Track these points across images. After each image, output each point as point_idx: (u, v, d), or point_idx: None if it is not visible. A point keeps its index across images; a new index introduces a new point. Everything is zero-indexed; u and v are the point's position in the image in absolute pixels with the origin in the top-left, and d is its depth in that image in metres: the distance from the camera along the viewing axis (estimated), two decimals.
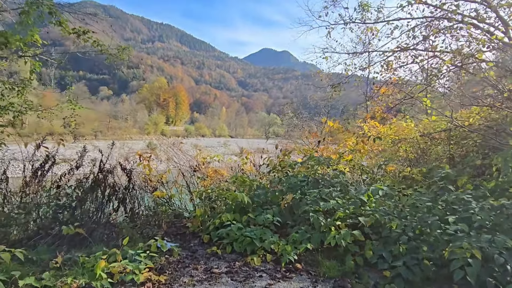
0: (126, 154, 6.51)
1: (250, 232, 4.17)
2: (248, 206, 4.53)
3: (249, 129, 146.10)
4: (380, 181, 6.37)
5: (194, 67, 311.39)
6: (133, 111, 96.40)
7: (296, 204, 4.56)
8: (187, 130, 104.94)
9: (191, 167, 6.71)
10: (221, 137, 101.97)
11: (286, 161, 6.04)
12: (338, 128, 6.83)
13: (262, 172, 7.22)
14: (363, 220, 4.08)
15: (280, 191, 4.83)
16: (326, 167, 5.67)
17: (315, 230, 4.21)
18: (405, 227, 3.88)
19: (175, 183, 6.59)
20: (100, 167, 4.90)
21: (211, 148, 50.13)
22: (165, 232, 4.81)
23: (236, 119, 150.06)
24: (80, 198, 4.61)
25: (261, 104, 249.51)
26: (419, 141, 8.45)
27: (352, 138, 6.94)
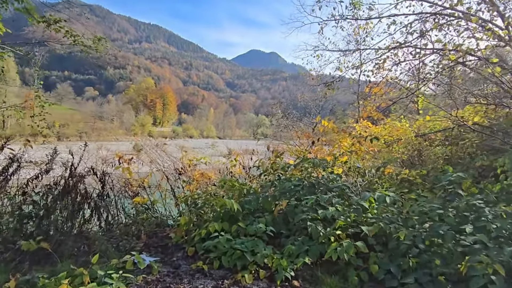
0: (106, 156, 5.96)
1: (240, 244, 3.69)
2: (237, 214, 4.05)
3: (237, 130, 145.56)
4: (378, 184, 5.98)
5: (182, 68, 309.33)
6: (119, 112, 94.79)
7: (291, 211, 4.10)
8: (174, 131, 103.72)
9: (176, 170, 6.20)
10: (209, 138, 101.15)
11: (278, 163, 5.59)
12: (333, 128, 6.41)
13: (252, 175, 6.76)
14: (366, 230, 3.64)
15: (272, 196, 4.36)
16: (321, 169, 5.24)
17: (313, 241, 3.76)
18: (414, 238, 3.46)
19: (159, 187, 6.08)
20: (71, 171, 4.36)
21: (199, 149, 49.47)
22: (145, 243, 4.29)
23: (224, 120, 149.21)
24: (48, 206, 4.06)
25: (249, 105, 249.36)
26: (414, 142, 8.13)
27: (347, 139, 6.54)
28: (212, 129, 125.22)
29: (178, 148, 6.88)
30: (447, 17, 7.15)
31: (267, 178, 5.43)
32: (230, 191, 4.85)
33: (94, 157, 5.82)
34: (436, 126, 8.17)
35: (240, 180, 6.79)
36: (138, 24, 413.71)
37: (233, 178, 6.07)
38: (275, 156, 5.62)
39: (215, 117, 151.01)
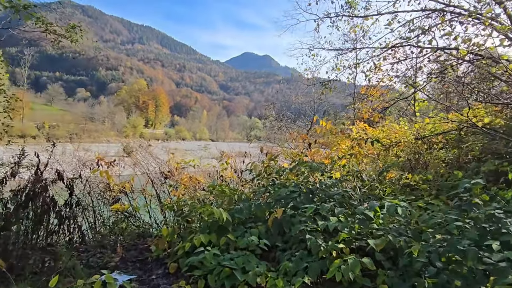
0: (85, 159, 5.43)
1: (229, 261, 3.21)
2: (227, 224, 3.55)
3: (230, 133, 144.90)
4: (379, 190, 5.54)
5: (175, 69, 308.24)
6: (110, 113, 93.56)
7: (287, 221, 3.63)
8: (167, 133, 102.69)
9: (161, 174, 5.69)
10: (202, 141, 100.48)
11: (272, 167, 5.12)
12: (331, 130, 5.96)
13: (244, 179, 6.29)
14: (373, 244, 3.19)
15: (266, 204, 3.87)
16: (319, 174, 4.79)
17: (313, 256, 3.29)
18: (429, 254, 3.01)
19: (143, 192, 5.57)
20: (36, 175, 3.83)
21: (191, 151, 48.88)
22: (122, 257, 3.78)
23: (217, 123, 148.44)
24: (9, 216, 3.53)
25: (242, 107, 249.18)
26: (413, 145, 7.73)
27: (346, 141, 6.11)
28: (205, 131, 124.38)
29: (165, 150, 6.36)
30: (451, 14, 6.77)
31: (260, 183, 4.96)
32: (220, 197, 4.36)
33: (73, 159, 5.31)
34: (436, 128, 7.79)
35: (231, 185, 6.33)
36: (131, 25, 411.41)
37: (223, 183, 5.59)
38: (269, 159, 5.15)
39: (208, 119, 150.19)
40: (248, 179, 6.19)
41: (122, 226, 4.31)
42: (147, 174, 5.56)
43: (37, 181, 3.74)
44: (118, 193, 4.65)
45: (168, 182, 5.54)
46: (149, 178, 5.51)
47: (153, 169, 5.73)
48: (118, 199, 4.62)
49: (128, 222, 4.48)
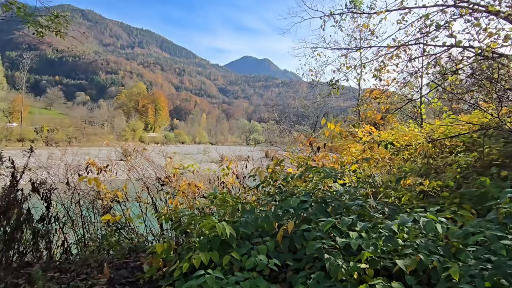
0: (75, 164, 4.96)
1: (234, 286, 2.73)
2: (231, 240, 3.07)
3: (230, 136, 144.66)
4: (394, 198, 5.06)
5: (175, 73, 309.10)
6: (110, 117, 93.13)
7: (299, 236, 3.14)
8: (166, 137, 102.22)
9: (158, 180, 5.22)
10: (201, 144, 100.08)
11: (278, 173, 4.65)
12: (341, 132, 5.48)
13: (247, 185, 5.81)
14: (402, 264, 2.71)
15: (275, 216, 3.38)
16: (331, 181, 4.31)
17: (331, 279, 2.81)
18: (472, 278, 2.53)
19: (139, 199, 5.10)
20: (11, 184, 3.36)
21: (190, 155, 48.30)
22: (109, 279, 3.28)
23: (217, 126, 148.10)
24: None
25: (242, 111, 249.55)
26: (425, 148, 7.27)
27: (356, 144, 5.64)
28: (204, 135, 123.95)
29: (163, 154, 5.89)
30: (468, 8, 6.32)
31: (265, 190, 4.48)
32: (222, 207, 3.88)
33: (61, 164, 4.84)
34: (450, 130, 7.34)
35: (233, 191, 5.86)
36: (130, 29, 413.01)
37: (225, 191, 5.12)
38: (275, 164, 4.67)
39: (207, 123, 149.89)
40: (252, 185, 5.73)
41: (113, 240, 3.82)
42: (142, 181, 5.09)
43: (10, 193, 3.26)
44: (109, 202, 4.17)
45: (165, 189, 5.06)
46: (144, 185, 5.03)
47: (149, 175, 5.26)
48: (110, 208, 4.14)
49: (120, 235, 3.99)
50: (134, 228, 4.35)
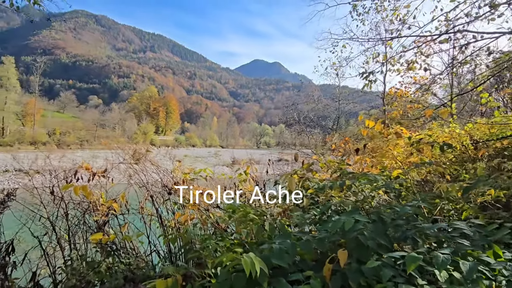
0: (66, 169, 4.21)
1: None
2: (261, 279, 2.23)
3: (241, 139, 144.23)
4: (453, 211, 4.15)
5: (186, 77, 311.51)
6: (121, 120, 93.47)
7: (355, 272, 2.29)
8: (177, 140, 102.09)
9: (165, 188, 4.42)
10: (212, 147, 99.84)
11: (311, 180, 3.80)
12: (382, 132, 4.60)
13: (271, 194, 4.98)
14: None
15: (319, 241, 2.51)
16: (381, 190, 3.45)
17: None
18: None
19: (141, 211, 4.32)
20: None
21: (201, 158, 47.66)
22: None
23: (228, 129, 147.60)
24: None
25: (252, 114, 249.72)
26: (470, 151, 6.34)
27: (399, 147, 4.76)
28: (215, 138, 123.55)
29: (170, 157, 5.10)
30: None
31: (295, 202, 3.64)
32: (243, 223, 3.05)
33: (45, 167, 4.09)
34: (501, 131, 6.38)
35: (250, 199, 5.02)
36: (142, 34, 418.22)
37: (243, 200, 4.31)
38: (306, 169, 3.82)
39: (218, 126, 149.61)
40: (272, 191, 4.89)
41: (102, 268, 3.00)
42: (146, 188, 4.30)
43: None
44: (104, 215, 3.38)
45: (172, 199, 4.26)
46: (148, 194, 4.24)
47: (154, 181, 4.47)
48: (105, 223, 3.36)
49: (115, 259, 3.18)
50: (134, 247, 3.54)
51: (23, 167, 3.91)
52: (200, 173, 4.86)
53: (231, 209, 3.15)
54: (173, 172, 4.79)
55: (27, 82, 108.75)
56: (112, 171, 4.56)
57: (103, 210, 3.25)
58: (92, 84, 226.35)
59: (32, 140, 63.41)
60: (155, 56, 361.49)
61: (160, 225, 4.31)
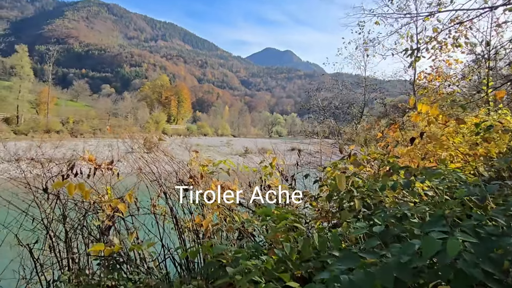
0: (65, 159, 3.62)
1: None
2: None
3: (252, 129, 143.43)
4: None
5: (197, 66, 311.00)
6: (133, 109, 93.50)
7: None
8: (189, 129, 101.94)
9: (179, 183, 3.80)
10: (224, 136, 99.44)
11: (359, 176, 3.11)
12: (439, 117, 3.85)
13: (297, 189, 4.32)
14: None
15: (402, 270, 1.77)
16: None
17: None
18: None
19: (153, 208, 3.72)
20: None
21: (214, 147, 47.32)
22: None
23: (239, 118, 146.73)
24: None
25: (264, 103, 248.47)
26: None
27: (459, 136, 4.02)
28: (227, 127, 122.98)
29: (186, 147, 4.45)
30: None
31: (343, 205, 2.96)
32: (278, 232, 2.39)
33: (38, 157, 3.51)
34: None
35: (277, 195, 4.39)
36: (154, 22, 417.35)
37: (279, 206, 3.68)
38: (354, 163, 3.13)
39: (230, 115, 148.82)
40: (306, 191, 4.26)
41: (106, 284, 2.39)
42: (158, 183, 3.68)
43: None
44: (108, 219, 2.76)
45: (189, 196, 3.64)
46: (160, 189, 3.63)
47: (167, 175, 3.85)
48: (109, 228, 2.75)
49: (121, 274, 2.56)
50: (143, 258, 2.92)
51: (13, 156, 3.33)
52: (219, 165, 4.23)
53: (263, 212, 2.50)
54: (189, 164, 4.16)
55: (41, 71, 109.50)
56: (120, 162, 3.97)
57: (107, 212, 2.64)
58: (104, 73, 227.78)
59: (46, 129, 63.82)
60: (167, 44, 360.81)
61: (175, 226, 3.71)
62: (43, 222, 2.71)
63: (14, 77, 65.56)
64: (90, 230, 2.73)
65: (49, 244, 2.62)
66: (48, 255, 2.62)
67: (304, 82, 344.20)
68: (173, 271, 3.71)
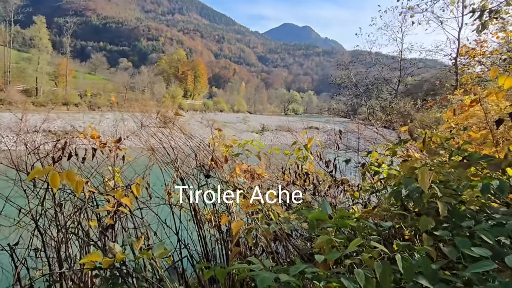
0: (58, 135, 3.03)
1: None
2: None
3: (269, 106, 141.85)
4: None
5: (214, 40, 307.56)
6: (150, 83, 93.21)
7: None
8: (205, 105, 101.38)
9: (200, 167, 3.15)
10: (240, 113, 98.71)
11: (436, 168, 2.39)
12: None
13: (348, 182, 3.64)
14: None
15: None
16: None
17: None
18: None
19: (168, 197, 3.12)
20: None
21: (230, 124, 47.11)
22: None
23: (255, 95, 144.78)
24: None
25: (281, 80, 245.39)
26: None
27: None
28: (243, 104, 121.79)
29: (208, 125, 3.77)
30: None
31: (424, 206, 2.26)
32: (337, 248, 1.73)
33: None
34: None
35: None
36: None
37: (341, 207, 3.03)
38: (428, 152, 2.39)
39: (246, 92, 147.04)
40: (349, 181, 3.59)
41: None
42: (173, 167, 3.06)
43: None
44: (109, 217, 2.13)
45: (211, 183, 3.02)
46: (176, 175, 3.01)
47: (184, 157, 3.22)
48: (107, 227, 2.13)
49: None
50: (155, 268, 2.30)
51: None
52: (245, 145, 3.58)
53: (317, 218, 1.83)
54: (211, 144, 3.51)
55: (60, 44, 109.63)
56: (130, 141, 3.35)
57: (107, 208, 2.01)
58: (122, 46, 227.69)
59: (65, 101, 64.23)
60: (184, 18, 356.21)
61: (193, 218, 3.11)
62: (34, 216, 2.13)
63: (33, 48, 65.70)
64: (86, 231, 2.13)
65: (37, 245, 2.04)
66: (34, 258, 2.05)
67: (322, 60, 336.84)
68: (190, 269, 3.16)
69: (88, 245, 2.03)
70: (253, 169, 3.25)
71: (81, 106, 64.37)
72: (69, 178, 1.64)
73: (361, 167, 3.67)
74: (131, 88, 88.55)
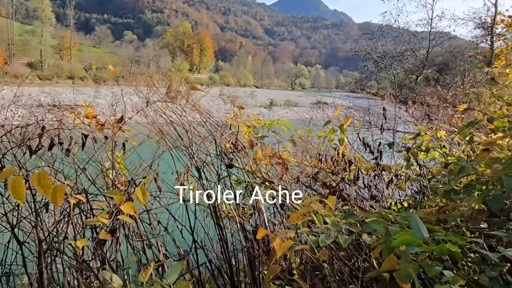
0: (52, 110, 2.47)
1: None
2: None
3: (276, 80, 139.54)
4: None
5: (220, 13, 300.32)
6: (155, 56, 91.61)
7: None
8: (211, 79, 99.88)
9: (221, 155, 2.59)
10: (246, 87, 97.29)
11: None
12: None
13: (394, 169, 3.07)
14: None
15: None
16: None
17: None
18: None
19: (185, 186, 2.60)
20: None
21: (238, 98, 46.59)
22: None
23: (262, 69, 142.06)
24: None
25: (287, 54, 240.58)
26: None
27: None
28: (250, 78, 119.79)
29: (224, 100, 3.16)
30: None
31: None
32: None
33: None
34: None
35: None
36: None
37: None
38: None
39: (252, 66, 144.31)
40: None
41: None
42: (188, 154, 2.50)
43: None
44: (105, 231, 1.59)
45: (233, 174, 2.47)
46: (191, 163, 2.46)
47: (199, 142, 2.64)
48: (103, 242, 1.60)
49: None
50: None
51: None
52: (272, 125, 3.01)
53: (408, 242, 1.28)
54: (228, 122, 2.93)
55: (64, 16, 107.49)
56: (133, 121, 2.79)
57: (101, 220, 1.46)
58: (126, 19, 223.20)
59: (70, 75, 63.38)
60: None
61: (212, 214, 2.58)
62: (11, 223, 1.60)
63: (36, 20, 64.32)
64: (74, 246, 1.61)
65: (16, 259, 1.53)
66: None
67: (331, 33, 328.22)
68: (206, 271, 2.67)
69: (79, 269, 1.51)
70: (281, 155, 2.68)
71: (86, 80, 63.54)
72: (41, 184, 1.08)
73: (406, 151, 3.10)
74: (137, 61, 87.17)
